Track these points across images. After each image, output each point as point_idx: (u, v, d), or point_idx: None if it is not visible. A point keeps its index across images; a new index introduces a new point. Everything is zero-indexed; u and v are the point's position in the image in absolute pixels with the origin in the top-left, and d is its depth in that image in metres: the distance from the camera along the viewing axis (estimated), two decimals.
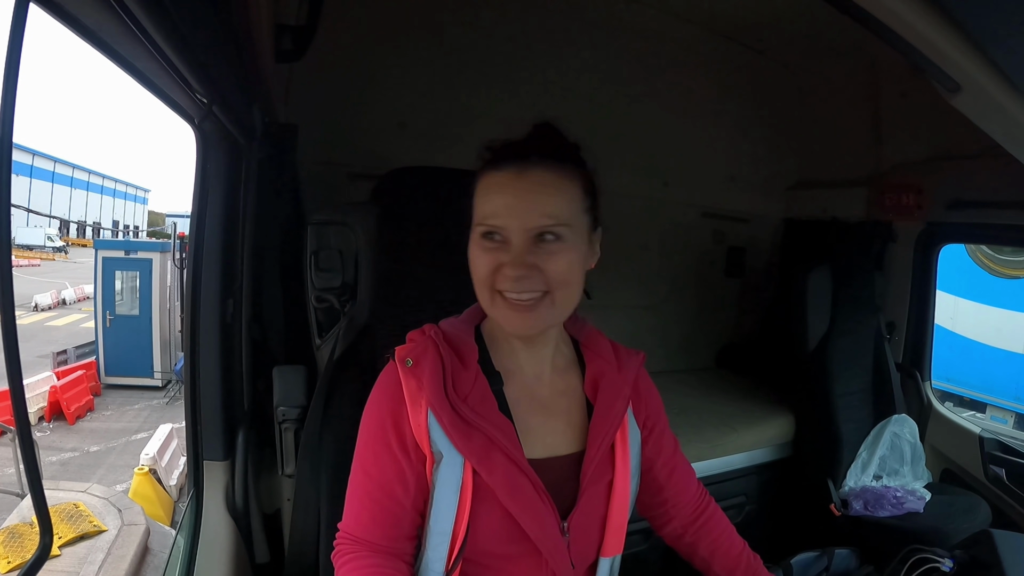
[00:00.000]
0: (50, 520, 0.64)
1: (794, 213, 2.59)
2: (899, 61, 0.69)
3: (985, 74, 0.65)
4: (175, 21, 0.72)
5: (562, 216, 0.75)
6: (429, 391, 0.76)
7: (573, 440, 0.84)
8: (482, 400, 0.79)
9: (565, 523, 0.79)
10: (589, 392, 0.86)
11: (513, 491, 0.76)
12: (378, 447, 0.79)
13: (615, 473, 0.83)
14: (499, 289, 0.76)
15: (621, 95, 2.19)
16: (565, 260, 0.75)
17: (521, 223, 0.74)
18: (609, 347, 0.90)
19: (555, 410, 0.84)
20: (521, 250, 0.74)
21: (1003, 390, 5.11)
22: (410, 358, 0.79)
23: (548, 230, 0.74)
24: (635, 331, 2.48)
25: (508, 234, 0.74)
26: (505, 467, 0.76)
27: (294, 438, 1.21)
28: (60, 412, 7.35)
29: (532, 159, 0.76)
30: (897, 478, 1.95)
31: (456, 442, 0.76)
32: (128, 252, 9.19)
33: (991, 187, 1.80)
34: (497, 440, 0.76)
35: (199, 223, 1.21)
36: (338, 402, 1.02)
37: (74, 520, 4.51)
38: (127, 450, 6.63)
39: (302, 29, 1.40)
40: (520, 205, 0.74)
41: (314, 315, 1.22)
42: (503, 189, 0.75)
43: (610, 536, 0.83)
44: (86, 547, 4.28)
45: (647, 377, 0.94)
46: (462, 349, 0.81)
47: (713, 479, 1.96)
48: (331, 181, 1.77)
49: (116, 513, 4.70)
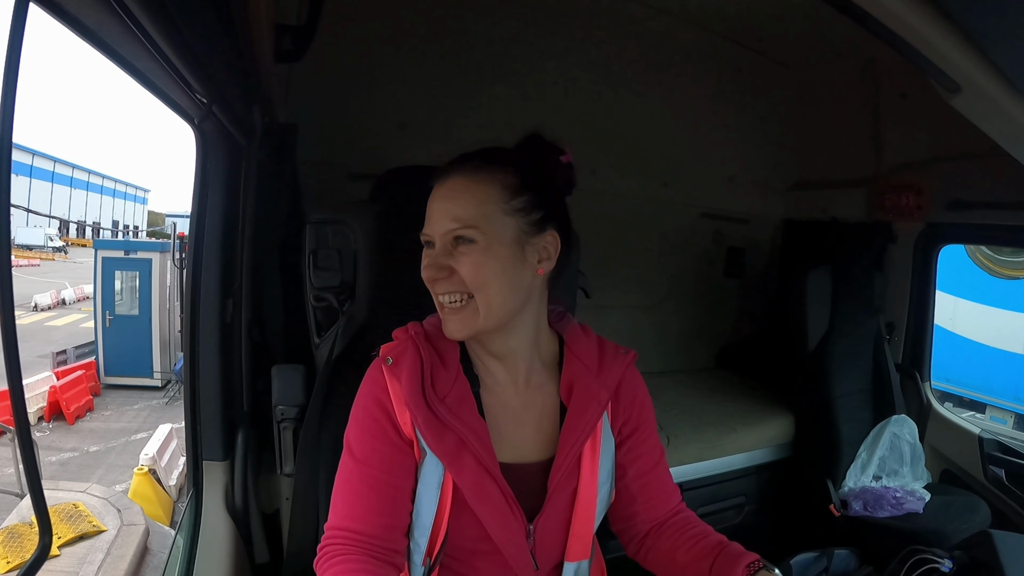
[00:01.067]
0: (49, 520, 0.64)
1: (794, 213, 2.59)
2: (899, 61, 0.69)
3: (985, 75, 0.65)
4: (175, 21, 0.72)
5: (468, 219, 0.75)
6: (405, 389, 0.77)
7: (542, 448, 0.84)
8: (460, 401, 0.79)
9: (532, 526, 0.80)
10: (564, 397, 0.85)
11: (480, 494, 0.77)
12: (373, 437, 0.79)
13: (579, 481, 0.82)
14: (432, 292, 0.79)
15: (621, 96, 2.19)
16: (473, 262, 0.75)
17: (436, 229, 0.77)
18: (594, 348, 0.88)
19: (525, 419, 0.84)
20: (436, 252, 0.77)
21: (1002, 390, 5.11)
22: (391, 356, 0.80)
23: (456, 234, 0.76)
24: (635, 331, 2.48)
25: (435, 240, 0.78)
26: (474, 470, 0.77)
27: (293, 437, 1.21)
28: (60, 412, 7.35)
29: (454, 167, 0.79)
30: (897, 479, 1.94)
31: (429, 441, 0.77)
32: (128, 252, 9.21)
33: (991, 188, 1.80)
34: (469, 442, 0.77)
35: (199, 223, 1.21)
36: (337, 401, 1.02)
37: (73, 520, 4.50)
38: (126, 450, 6.64)
39: (302, 29, 1.40)
40: (436, 212, 0.78)
41: (313, 314, 1.22)
42: (432, 199, 0.79)
43: (574, 542, 0.83)
44: (85, 547, 4.27)
45: (636, 379, 0.91)
46: (443, 349, 0.82)
47: (713, 479, 1.96)
48: (331, 181, 1.77)
49: (116, 513, 4.70)
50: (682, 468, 1.89)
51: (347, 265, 1.16)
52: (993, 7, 0.59)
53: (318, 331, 1.23)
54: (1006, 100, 0.68)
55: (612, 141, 2.19)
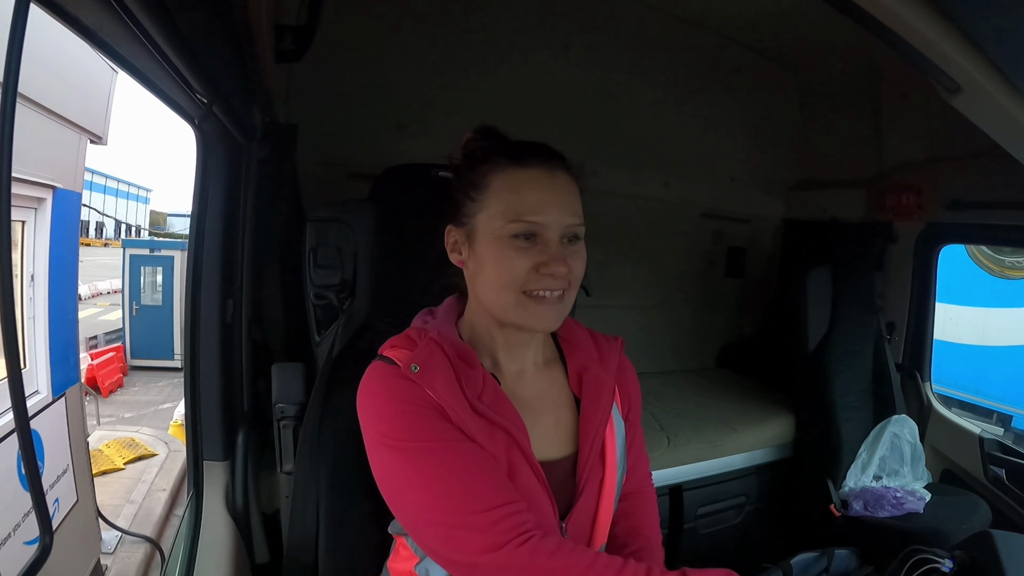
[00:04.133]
0: (50, 520, 0.64)
1: (794, 213, 2.59)
2: (899, 61, 0.69)
3: (985, 75, 0.65)
4: (175, 21, 0.72)
5: (582, 217, 0.78)
6: (446, 394, 0.73)
7: (564, 442, 0.83)
8: (496, 399, 0.77)
9: (564, 523, 0.79)
10: (574, 387, 0.86)
11: (528, 492, 0.75)
12: (444, 421, 0.73)
13: (605, 471, 0.83)
14: (529, 289, 0.75)
15: (622, 96, 2.19)
16: (582, 258, 0.78)
17: (558, 220, 0.75)
18: (588, 336, 0.89)
19: (540, 411, 0.83)
20: (560, 246, 0.75)
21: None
22: (415, 363, 0.74)
23: (575, 230, 0.77)
24: (635, 331, 2.48)
25: (545, 231, 0.75)
26: (523, 467, 0.76)
27: (293, 435, 1.21)
28: (95, 387, 8.28)
29: (555, 162, 0.77)
30: (897, 478, 1.94)
31: (483, 443, 0.74)
32: (152, 250, 10.17)
33: (991, 187, 1.80)
34: (518, 439, 0.76)
35: (199, 223, 1.21)
36: (337, 399, 1.02)
37: (132, 447, 6.06)
38: (156, 416, 7.53)
39: (302, 29, 1.40)
40: (557, 203, 0.75)
41: (313, 312, 1.22)
42: (540, 186, 0.75)
43: (598, 531, 0.84)
44: (143, 464, 5.78)
45: (628, 363, 0.94)
46: (461, 349, 0.79)
47: (713, 479, 1.96)
48: (331, 181, 1.77)
49: (163, 444, 6.29)
50: (682, 468, 1.89)
51: (347, 263, 1.16)
52: (993, 7, 0.59)
53: (318, 329, 1.22)
54: (1006, 100, 0.68)
55: (613, 142, 2.19)
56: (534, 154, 0.77)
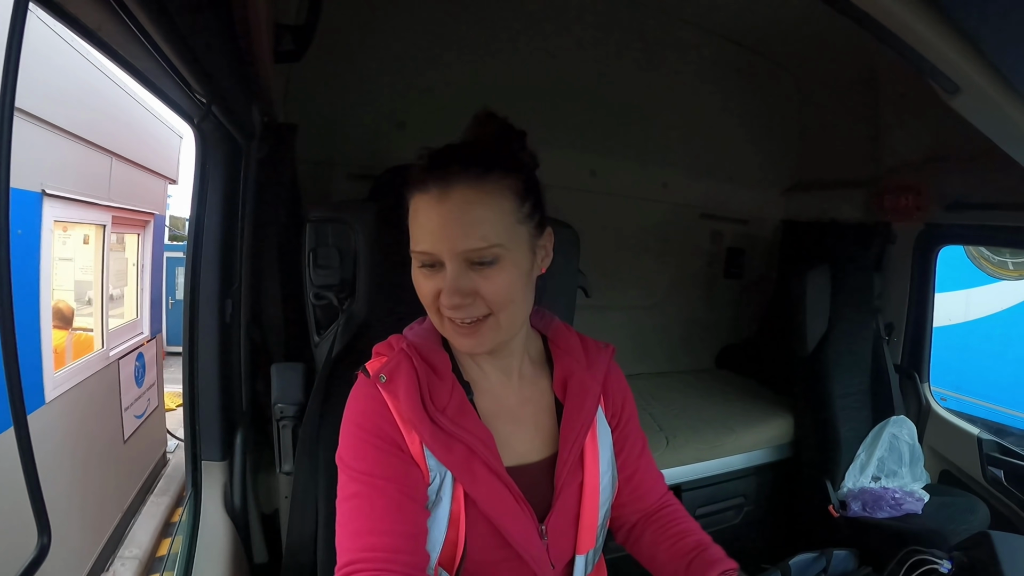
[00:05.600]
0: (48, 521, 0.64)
1: (793, 214, 2.59)
2: (898, 62, 0.69)
3: (984, 76, 0.65)
4: (175, 21, 0.72)
5: (492, 237, 0.69)
6: (406, 405, 0.74)
7: (543, 445, 0.83)
8: (460, 411, 0.77)
9: (543, 526, 0.79)
10: (558, 392, 0.85)
11: (494, 501, 0.75)
12: (378, 450, 0.74)
13: (585, 474, 0.83)
14: (445, 314, 0.73)
15: (620, 97, 2.19)
16: (502, 282, 0.70)
17: (450, 248, 0.69)
18: (578, 343, 0.88)
19: (523, 418, 0.83)
20: (455, 276, 0.69)
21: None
22: (384, 374, 0.76)
23: (478, 256, 0.69)
24: (635, 331, 2.48)
25: (440, 259, 0.70)
26: (486, 478, 0.76)
27: (292, 435, 1.21)
28: None
29: (453, 175, 0.69)
30: (895, 479, 1.95)
31: (438, 454, 0.74)
32: (184, 253, 10.83)
33: (990, 189, 1.80)
34: (478, 451, 0.75)
35: (198, 223, 1.21)
36: (336, 399, 1.01)
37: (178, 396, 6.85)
38: None
39: (302, 29, 1.40)
40: (446, 230, 0.68)
41: (312, 312, 1.22)
42: (428, 213, 0.70)
43: (583, 534, 0.83)
44: None
45: (618, 371, 0.92)
46: (434, 359, 0.79)
47: (712, 480, 1.96)
48: (330, 181, 1.77)
49: None
50: (682, 468, 1.89)
51: (347, 263, 1.16)
52: (993, 8, 0.59)
53: (318, 329, 1.22)
54: (1005, 101, 0.68)
55: (611, 142, 2.19)
56: (433, 170, 0.71)
